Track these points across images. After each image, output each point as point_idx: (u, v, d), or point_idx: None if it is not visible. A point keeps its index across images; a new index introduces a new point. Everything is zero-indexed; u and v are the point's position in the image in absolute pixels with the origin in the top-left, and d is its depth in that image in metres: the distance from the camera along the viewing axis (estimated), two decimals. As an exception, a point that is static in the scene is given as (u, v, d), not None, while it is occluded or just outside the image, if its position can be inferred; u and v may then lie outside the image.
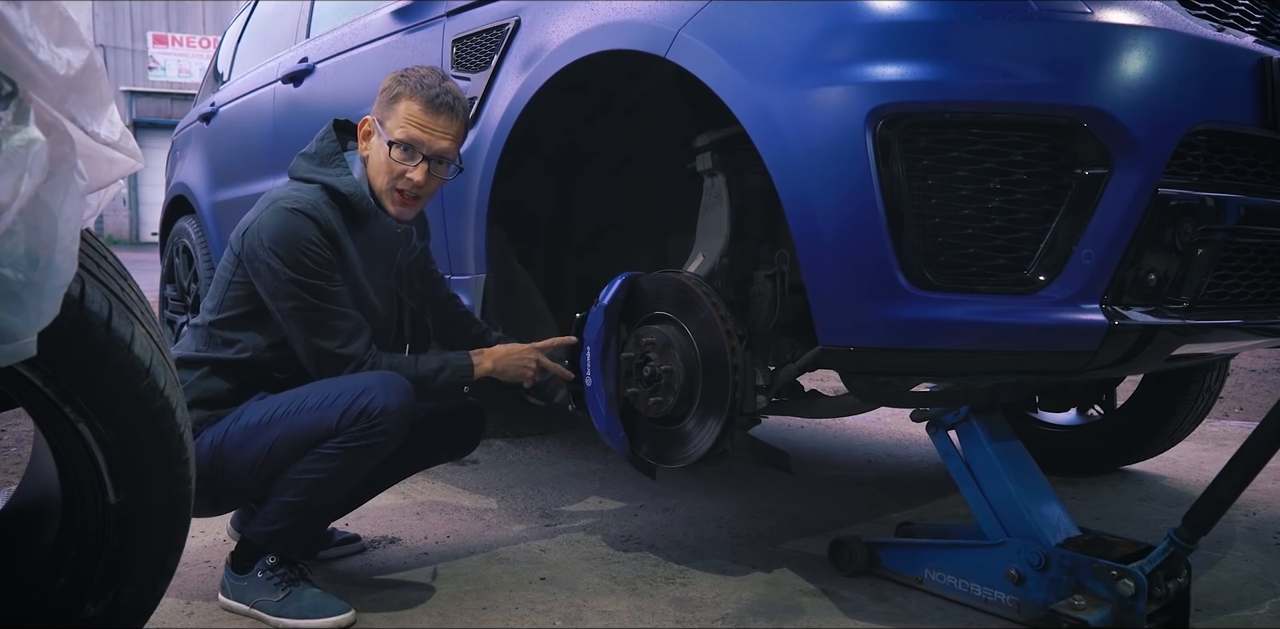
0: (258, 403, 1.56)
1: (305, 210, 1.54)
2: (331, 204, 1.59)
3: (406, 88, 1.60)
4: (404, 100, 1.59)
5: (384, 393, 1.48)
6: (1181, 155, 1.32)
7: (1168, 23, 1.33)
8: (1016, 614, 1.54)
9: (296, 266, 1.53)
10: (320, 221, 1.55)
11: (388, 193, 1.63)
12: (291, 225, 1.53)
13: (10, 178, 0.71)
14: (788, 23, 1.42)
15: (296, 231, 1.53)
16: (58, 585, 1.03)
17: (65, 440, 0.98)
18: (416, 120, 1.59)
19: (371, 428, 1.47)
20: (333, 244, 1.56)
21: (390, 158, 1.59)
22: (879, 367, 1.45)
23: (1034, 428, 2.62)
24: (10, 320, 0.74)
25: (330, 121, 1.72)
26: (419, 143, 1.59)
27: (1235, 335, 1.49)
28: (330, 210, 1.58)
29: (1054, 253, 1.29)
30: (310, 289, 1.53)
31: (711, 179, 1.72)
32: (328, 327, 1.55)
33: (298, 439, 1.48)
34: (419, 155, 1.60)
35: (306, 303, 1.54)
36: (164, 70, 22.80)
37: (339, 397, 1.48)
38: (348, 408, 1.47)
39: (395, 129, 1.59)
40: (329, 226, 1.56)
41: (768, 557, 1.90)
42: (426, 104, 1.59)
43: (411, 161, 1.60)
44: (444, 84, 1.61)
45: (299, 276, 1.53)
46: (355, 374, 1.55)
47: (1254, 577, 1.78)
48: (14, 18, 0.70)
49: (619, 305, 1.73)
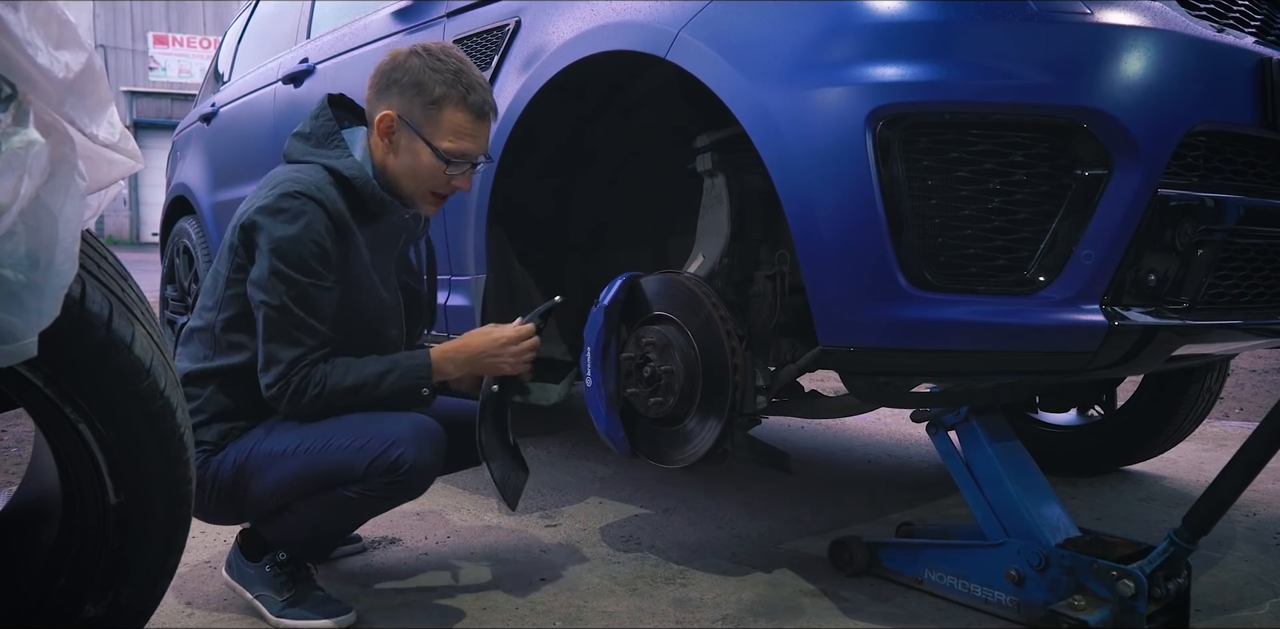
0: (284, 430, 1.48)
1: (310, 193, 1.43)
2: (335, 185, 1.48)
3: (450, 90, 1.49)
4: (449, 109, 1.49)
5: (416, 447, 1.40)
6: (1181, 156, 1.32)
7: (1167, 23, 1.33)
8: (1016, 615, 1.54)
9: (290, 257, 1.41)
10: (327, 204, 1.44)
11: (422, 195, 1.56)
12: (295, 210, 1.42)
13: (10, 179, 0.71)
14: (788, 23, 1.42)
15: (301, 217, 1.41)
16: (58, 586, 1.04)
17: (66, 441, 0.98)
18: (467, 130, 1.51)
19: (396, 483, 1.41)
20: (339, 231, 1.47)
21: (440, 170, 1.52)
22: (879, 367, 1.45)
23: (1034, 428, 2.62)
24: (11, 321, 0.74)
25: (324, 97, 1.61)
26: (472, 155, 1.54)
27: (1235, 336, 1.49)
28: (335, 192, 1.47)
29: (1054, 253, 1.29)
30: (291, 285, 1.41)
31: (711, 179, 1.72)
32: (290, 336, 1.43)
33: (320, 478, 1.42)
34: (468, 164, 1.55)
35: (279, 301, 1.42)
36: (164, 70, 22.83)
37: (369, 441, 1.40)
38: (376, 457, 1.39)
39: (444, 140, 1.51)
40: (335, 209, 1.45)
41: (768, 557, 1.90)
42: (476, 113, 1.52)
43: (461, 170, 1.55)
44: (481, 81, 1.53)
45: (286, 268, 1.41)
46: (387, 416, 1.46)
47: (1254, 577, 1.78)
48: (12, 21, 0.70)
49: (619, 306, 1.73)
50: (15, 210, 0.72)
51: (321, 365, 1.45)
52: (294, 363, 1.43)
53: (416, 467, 1.40)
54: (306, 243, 1.42)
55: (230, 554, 1.63)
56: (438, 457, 1.44)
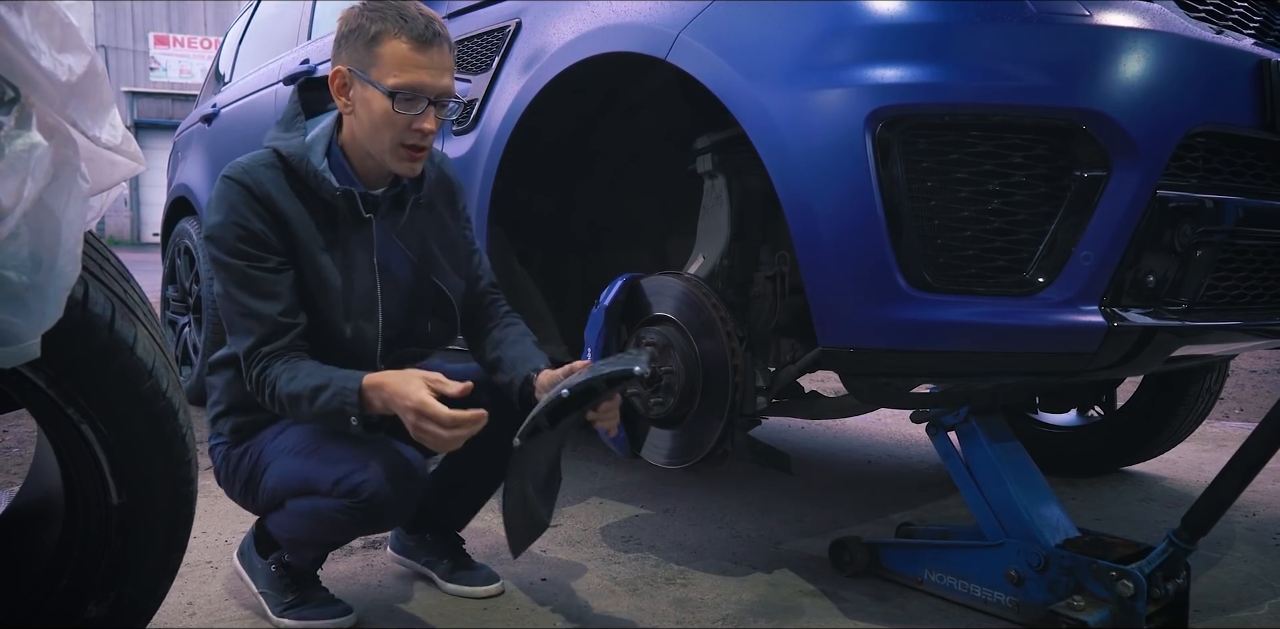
0: (295, 427, 1.45)
1: (235, 176, 1.40)
2: (276, 166, 1.42)
3: (387, 24, 1.36)
4: (388, 41, 1.36)
5: (382, 480, 1.32)
6: (1180, 157, 1.33)
7: (1166, 25, 1.33)
8: (1016, 615, 1.54)
9: (220, 243, 1.37)
10: (252, 186, 1.39)
11: (393, 150, 1.40)
12: (220, 195, 1.39)
13: (14, 182, 0.72)
14: (787, 25, 1.42)
15: (225, 202, 1.38)
16: (60, 586, 1.04)
17: (68, 441, 0.99)
18: (410, 61, 1.36)
19: (354, 508, 1.33)
20: (269, 211, 1.39)
21: (392, 110, 1.37)
22: (878, 368, 1.45)
23: (1034, 429, 2.62)
24: (14, 322, 0.75)
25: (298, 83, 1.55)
26: (422, 87, 1.37)
27: (1234, 336, 1.50)
28: (271, 173, 1.41)
29: (1053, 254, 1.29)
30: (228, 271, 1.37)
31: (712, 180, 1.72)
32: (240, 325, 1.38)
33: (296, 480, 1.40)
34: (424, 100, 1.38)
35: (223, 289, 1.38)
36: (165, 71, 22.83)
37: (344, 459, 1.35)
38: (342, 478, 1.33)
39: (388, 76, 1.36)
40: (262, 191, 1.39)
41: (768, 557, 1.90)
42: (417, 40, 1.36)
43: (418, 109, 1.37)
44: (424, 12, 1.39)
45: (219, 254, 1.37)
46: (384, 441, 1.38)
47: (1253, 577, 1.79)
48: (16, 25, 0.71)
49: (619, 306, 1.74)
50: (18, 212, 0.73)
51: (277, 364, 1.37)
52: (249, 355, 1.38)
53: (375, 498, 1.32)
54: (230, 226, 1.38)
55: (244, 541, 1.64)
56: (404, 495, 1.36)
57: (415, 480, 1.38)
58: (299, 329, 1.40)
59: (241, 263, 1.37)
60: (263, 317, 1.37)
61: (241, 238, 1.37)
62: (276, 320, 1.38)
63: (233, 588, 1.69)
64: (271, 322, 1.37)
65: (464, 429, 1.26)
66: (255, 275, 1.37)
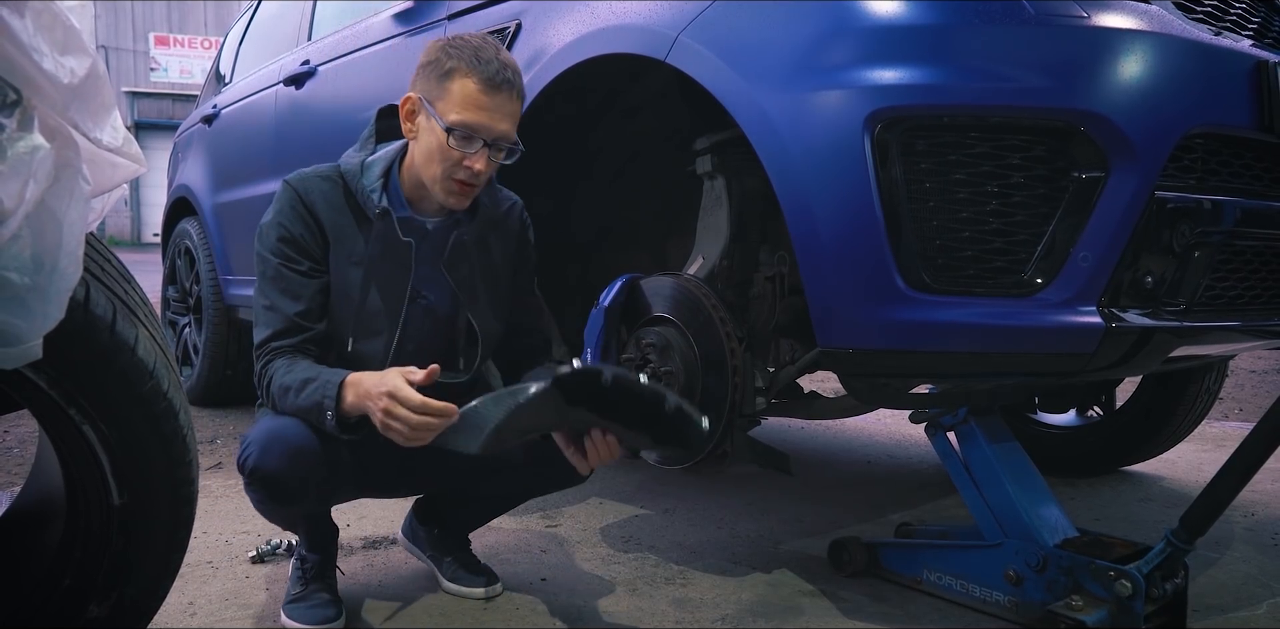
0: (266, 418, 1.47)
1: (291, 181, 1.48)
2: (332, 180, 1.50)
3: (461, 62, 1.39)
4: (458, 78, 1.39)
5: (261, 451, 1.34)
6: (1178, 158, 1.33)
7: (1164, 27, 1.34)
8: (1014, 615, 1.54)
9: (263, 239, 1.47)
10: (301, 193, 1.47)
11: (443, 182, 1.43)
12: (277, 197, 1.49)
13: (16, 184, 0.72)
14: (787, 26, 1.42)
15: (278, 203, 1.48)
16: (62, 586, 1.04)
17: (69, 442, 0.99)
18: (474, 102, 1.39)
19: (249, 482, 1.38)
20: (312, 218, 1.46)
21: (446, 144, 1.40)
22: (877, 368, 1.45)
23: (1033, 429, 2.62)
24: (16, 324, 0.75)
25: (379, 108, 1.59)
26: (479, 128, 1.39)
27: (1233, 337, 1.50)
28: (326, 185, 1.48)
29: (1051, 255, 1.30)
30: (264, 265, 1.46)
31: (711, 181, 1.72)
32: (262, 317, 1.45)
33: None
34: (479, 141, 1.40)
35: (258, 283, 1.47)
36: (166, 71, 22.83)
37: (251, 440, 1.38)
38: (243, 452, 1.38)
39: (450, 112, 1.39)
40: (309, 199, 1.46)
41: (767, 557, 1.90)
42: (485, 83, 1.39)
43: (471, 148, 1.40)
44: (501, 57, 1.41)
45: (261, 249, 1.47)
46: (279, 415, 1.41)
47: (1251, 577, 1.79)
48: (18, 27, 0.71)
49: (619, 307, 1.74)
50: (20, 214, 0.73)
51: (280, 360, 1.41)
52: (259, 347, 1.44)
53: (256, 470, 1.35)
54: (275, 225, 1.47)
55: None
56: (282, 468, 1.35)
57: (299, 457, 1.35)
58: (312, 333, 1.45)
59: (276, 260, 1.45)
60: (282, 313, 1.44)
61: (282, 238, 1.46)
62: (292, 319, 1.44)
63: (233, 588, 1.70)
64: (288, 319, 1.44)
65: (432, 417, 1.22)
66: (286, 274, 1.45)
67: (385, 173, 1.50)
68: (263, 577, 1.76)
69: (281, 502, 1.42)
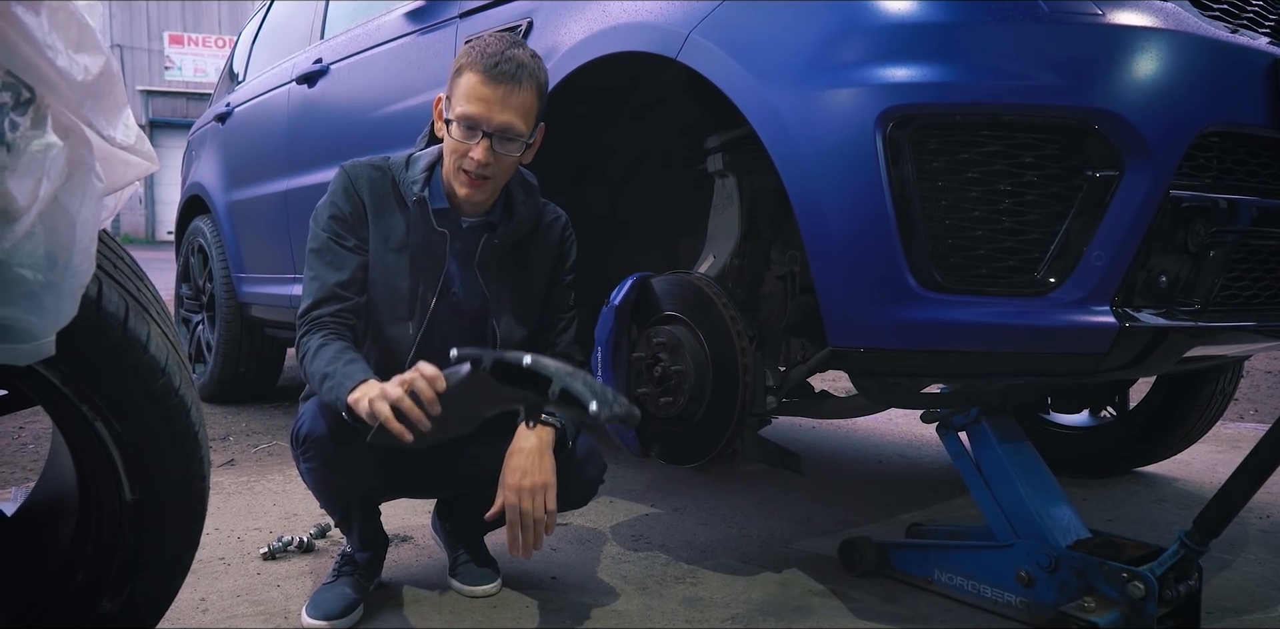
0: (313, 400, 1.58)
1: (345, 167, 1.59)
2: (381, 169, 1.59)
3: (469, 58, 1.45)
4: (465, 73, 1.45)
5: (310, 418, 1.49)
6: (1193, 157, 1.32)
7: (1180, 24, 1.33)
8: (1026, 616, 1.53)
9: (318, 218, 1.57)
10: (352, 178, 1.57)
11: (454, 174, 1.50)
12: (333, 180, 1.59)
13: (30, 181, 0.72)
14: (798, 24, 1.42)
15: (332, 185, 1.58)
16: (74, 582, 1.05)
17: (82, 438, 1.00)
18: (474, 93, 1.43)
19: (303, 453, 1.50)
20: (360, 201, 1.56)
21: (451, 136, 1.47)
22: (889, 368, 1.45)
23: (1046, 429, 2.61)
24: (30, 320, 0.76)
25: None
26: (476, 118, 1.43)
27: (1248, 337, 1.49)
28: (375, 173, 1.58)
29: (1064, 255, 1.29)
30: (316, 240, 1.56)
31: (722, 180, 1.72)
32: (308, 287, 1.54)
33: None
34: (479, 132, 1.44)
35: (308, 257, 1.57)
36: (180, 70, 22.96)
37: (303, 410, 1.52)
38: (296, 423, 1.51)
39: (457, 105, 1.46)
40: (358, 184, 1.56)
41: (777, 557, 1.90)
42: (484, 74, 1.43)
43: (471, 139, 1.45)
44: (508, 52, 1.44)
45: (315, 226, 1.57)
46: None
47: (1266, 580, 1.78)
48: (33, 25, 0.71)
49: (630, 306, 1.74)
50: (34, 212, 0.73)
51: (316, 335, 1.47)
52: (302, 315, 1.52)
53: (309, 436, 1.47)
54: (329, 205, 1.57)
55: None
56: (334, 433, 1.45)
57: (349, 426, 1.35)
58: (352, 304, 1.53)
59: (326, 235, 1.55)
60: (324, 282, 1.52)
61: (334, 216, 1.55)
62: (333, 288, 1.52)
63: (245, 585, 1.70)
64: (329, 289, 1.52)
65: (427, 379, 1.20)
66: (333, 247, 1.54)
67: (430, 167, 1.57)
68: (275, 573, 1.77)
69: (335, 467, 1.49)
